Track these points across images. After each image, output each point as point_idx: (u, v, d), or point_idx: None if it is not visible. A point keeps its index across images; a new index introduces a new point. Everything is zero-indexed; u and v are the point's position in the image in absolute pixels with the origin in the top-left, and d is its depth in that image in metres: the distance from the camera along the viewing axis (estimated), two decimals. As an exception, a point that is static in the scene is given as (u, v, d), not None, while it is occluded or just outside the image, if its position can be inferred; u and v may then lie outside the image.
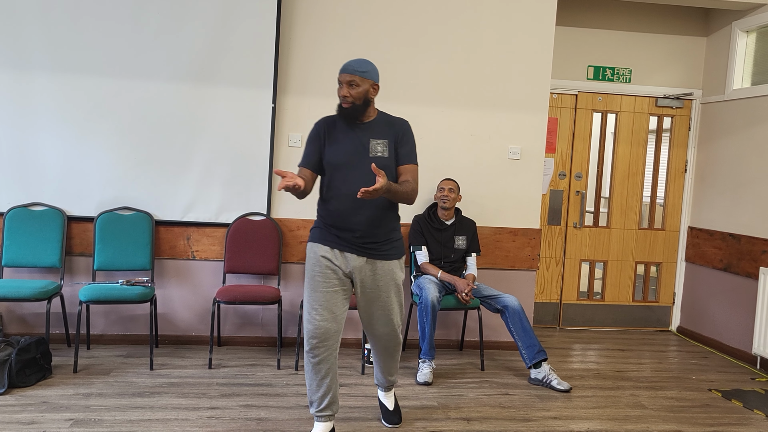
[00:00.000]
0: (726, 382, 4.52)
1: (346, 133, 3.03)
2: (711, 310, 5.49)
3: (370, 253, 3.02)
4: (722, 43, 5.52)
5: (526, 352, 4.23)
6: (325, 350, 3.00)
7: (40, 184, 4.42)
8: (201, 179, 4.55)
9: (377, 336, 3.20)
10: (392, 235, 3.09)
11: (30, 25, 4.32)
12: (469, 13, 4.76)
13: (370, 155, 2.99)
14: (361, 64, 2.97)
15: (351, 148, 3.00)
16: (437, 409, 3.71)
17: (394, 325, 3.17)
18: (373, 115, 3.08)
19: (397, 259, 3.12)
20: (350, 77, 2.95)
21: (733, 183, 5.29)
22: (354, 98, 2.96)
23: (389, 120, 3.09)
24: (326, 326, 2.98)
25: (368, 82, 2.97)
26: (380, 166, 2.98)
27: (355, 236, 3.00)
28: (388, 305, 3.11)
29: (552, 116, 5.58)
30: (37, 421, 3.23)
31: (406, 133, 3.08)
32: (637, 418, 3.73)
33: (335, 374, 3.08)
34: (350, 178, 2.98)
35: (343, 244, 3.02)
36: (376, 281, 3.07)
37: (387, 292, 3.09)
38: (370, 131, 3.03)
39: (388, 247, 3.07)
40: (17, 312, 4.54)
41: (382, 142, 3.02)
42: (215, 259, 4.65)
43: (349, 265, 3.03)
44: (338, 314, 3.02)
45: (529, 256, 4.97)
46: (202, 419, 3.37)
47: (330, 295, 3.00)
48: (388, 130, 3.05)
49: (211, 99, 4.51)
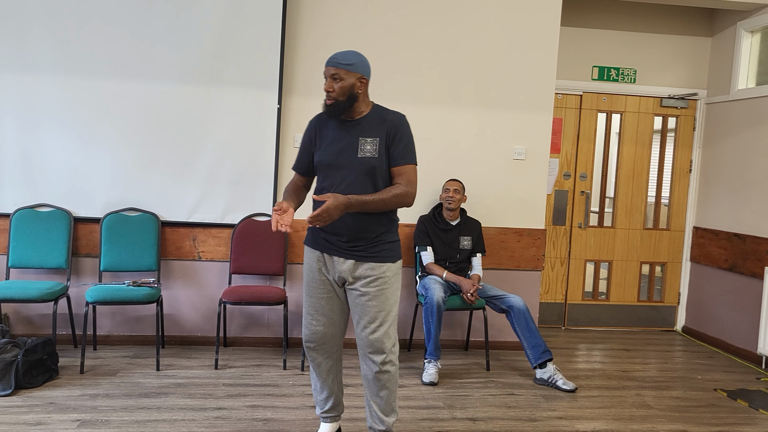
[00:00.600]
0: (731, 381, 4.51)
1: (336, 131, 2.83)
2: (716, 310, 5.48)
3: (357, 255, 2.79)
4: (727, 43, 5.52)
5: (531, 352, 4.23)
6: (323, 353, 2.95)
7: (47, 185, 4.44)
8: (207, 180, 4.56)
9: (363, 348, 2.83)
10: (383, 237, 2.82)
11: (36, 27, 4.33)
12: (474, 14, 4.76)
13: (358, 155, 2.76)
14: (346, 56, 2.73)
15: (339, 147, 2.79)
16: (443, 409, 3.72)
17: (381, 335, 2.79)
18: (366, 110, 2.82)
19: (389, 262, 2.82)
20: (334, 70, 2.71)
21: (738, 183, 5.28)
22: (337, 93, 2.72)
23: (383, 115, 2.82)
24: (322, 331, 2.91)
25: (354, 76, 2.73)
26: (368, 167, 2.74)
27: (342, 240, 2.79)
28: (375, 311, 2.79)
29: (557, 116, 5.58)
30: (44, 422, 3.25)
31: (399, 129, 2.79)
32: (643, 418, 3.73)
33: (337, 376, 3.04)
34: (337, 180, 2.77)
35: (332, 248, 2.82)
36: (364, 285, 2.80)
37: (376, 297, 2.79)
38: (360, 129, 2.79)
39: (378, 248, 2.80)
40: (24, 313, 4.55)
41: (372, 141, 2.77)
42: (221, 259, 4.66)
43: (336, 269, 2.83)
44: (335, 318, 2.92)
45: (534, 256, 4.98)
46: (208, 420, 3.38)
47: (325, 301, 2.89)
48: (379, 127, 2.79)
49: (217, 100, 4.52)
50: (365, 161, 2.75)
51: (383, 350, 2.81)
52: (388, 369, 2.84)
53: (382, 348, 2.80)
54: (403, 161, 2.79)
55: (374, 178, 2.77)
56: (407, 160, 2.80)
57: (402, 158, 2.79)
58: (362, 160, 2.75)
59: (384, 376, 2.84)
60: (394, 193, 2.74)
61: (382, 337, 2.80)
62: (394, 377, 2.87)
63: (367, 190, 2.75)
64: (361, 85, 2.76)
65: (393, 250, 2.86)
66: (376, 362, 2.82)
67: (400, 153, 2.78)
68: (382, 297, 2.80)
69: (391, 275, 2.84)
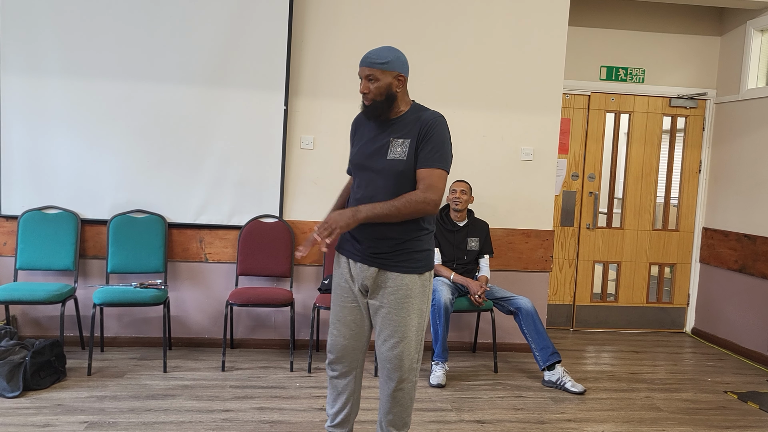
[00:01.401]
0: (742, 384, 4.47)
1: (371, 131, 2.70)
2: (726, 312, 5.44)
3: (381, 263, 2.63)
4: (736, 42, 5.48)
5: (539, 354, 4.21)
6: (343, 367, 2.79)
7: (54, 187, 4.45)
8: (213, 182, 4.55)
9: (381, 361, 2.71)
10: (406, 246, 2.62)
11: (44, 31, 4.34)
12: (481, 13, 4.74)
13: (387, 157, 2.60)
14: (380, 54, 2.58)
15: (370, 148, 2.66)
16: (450, 411, 3.70)
17: (400, 352, 2.64)
18: (405, 109, 2.67)
19: (415, 274, 2.63)
20: (368, 70, 2.58)
21: (748, 183, 5.24)
22: (374, 94, 2.58)
23: (419, 115, 2.64)
24: (343, 343, 2.76)
25: (390, 75, 2.58)
26: (396, 171, 2.58)
27: (365, 246, 2.65)
28: (397, 326, 2.63)
29: (565, 117, 5.56)
30: (52, 424, 3.25)
31: (432, 129, 2.59)
32: (653, 421, 3.70)
33: (354, 393, 2.85)
34: (364, 183, 2.66)
35: (356, 254, 2.68)
36: (386, 295, 2.64)
37: (397, 310, 2.62)
38: (394, 129, 2.64)
39: (403, 258, 2.62)
40: (31, 315, 4.56)
41: (403, 143, 2.60)
42: (228, 261, 4.66)
43: (360, 276, 2.68)
44: (358, 331, 2.75)
45: (542, 257, 4.95)
46: (215, 422, 3.38)
47: (348, 310, 2.74)
48: (412, 126, 2.61)
49: (224, 101, 4.52)
50: (393, 164, 2.58)
51: (401, 368, 2.66)
52: (403, 387, 2.70)
53: (400, 366, 2.65)
54: (428, 164, 2.57)
55: (402, 183, 2.59)
56: (433, 163, 2.57)
57: (427, 161, 2.57)
58: (390, 163, 2.59)
59: (399, 394, 2.72)
60: (408, 199, 2.52)
61: (400, 355, 2.64)
62: (409, 394, 2.74)
63: (393, 194, 2.58)
64: (399, 83, 2.61)
65: (420, 261, 2.65)
66: (393, 379, 2.68)
67: (426, 155, 2.57)
68: (403, 311, 2.62)
69: (416, 288, 2.64)
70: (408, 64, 2.66)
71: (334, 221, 2.42)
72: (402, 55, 2.62)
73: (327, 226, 2.41)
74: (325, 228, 2.41)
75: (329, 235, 2.40)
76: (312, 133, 4.67)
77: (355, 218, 2.46)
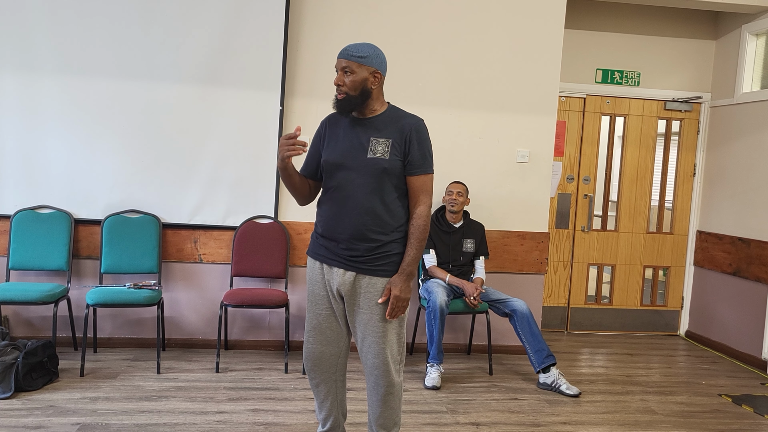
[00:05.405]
0: (736, 387, 4.48)
1: (347, 130, 2.64)
2: (720, 315, 5.45)
3: (358, 267, 2.58)
4: (732, 46, 5.49)
5: (534, 357, 4.20)
6: (321, 374, 2.77)
7: (47, 186, 4.42)
8: (208, 182, 4.53)
9: (367, 368, 2.68)
10: (385, 249, 2.59)
11: (38, 29, 4.32)
12: (477, 16, 4.74)
13: (368, 156, 2.56)
14: (359, 48, 2.54)
15: (348, 146, 2.60)
16: (446, 413, 3.69)
17: (386, 358, 2.62)
18: (381, 109, 2.63)
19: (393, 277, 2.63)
20: (345, 62, 2.53)
21: (742, 187, 5.25)
22: (348, 87, 2.53)
23: (398, 117, 2.62)
24: (320, 349, 2.73)
25: (367, 69, 2.54)
26: (378, 169, 2.55)
27: (341, 247, 2.60)
28: (379, 332, 2.61)
29: (560, 119, 5.56)
30: (44, 426, 3.22)
31: (417, 134, 2.59)
32: (647, 424, 3.70)
33: (337, 398, 2.84)
34: (344, 182, 2.59)
35: (331, 257, 2.63)
36: (366, 301, 2.60)
37: (379, 315, 2.60)
38: (372, 128, 2.60)
39: (382, 261, 2.59)
40: (24, 315, 4.53)
41: (384, 142, 2.56)
42: (222, 262, 4.63)
43: (335, 281, 2.63)
44: (334, 338, 2.73)
45: (537, 259, 4.95)
46: (209, 423, 3.35)
47: (323, 317, 2.70)
48: (393, 128, 2.59)
49: (219, 101, 4.50)
50: (374, 162, 2.55)
51: (388, 373, 2.65)
52: (393, 391, 2.69)
53: (387, 371, 2.64)
54: (421, 170, 2.60)
55: (383, 181, 2.57)
56: (425, 169, 2.61)
57: (420, 167, 2.60)
58: (371, 161, 2.56)
59: (389, 398, 2.70)
60: (420, 223, 2.61)
61: (386, 360, 2.63)
62: (397, 396, 2.73)
63: (375, 193, 2.57)
64: (375, 80, 2.57)
65: (398, 264, 2.63)
66: (381, 385, 2.67)
67: (418, 161, 2.59)
68: (383, 316, 2.62)
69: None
70: (386, 63, 2.63)
71: (404, 300, 2.58)
72: (381, 54, 2.60)
73: (400, 306, 2.58)
74: (400, 309, 2.59)
75: (404, 309, 2.60)
76: (308, 133, 4.65)
77: (410, 280, 2.61)
